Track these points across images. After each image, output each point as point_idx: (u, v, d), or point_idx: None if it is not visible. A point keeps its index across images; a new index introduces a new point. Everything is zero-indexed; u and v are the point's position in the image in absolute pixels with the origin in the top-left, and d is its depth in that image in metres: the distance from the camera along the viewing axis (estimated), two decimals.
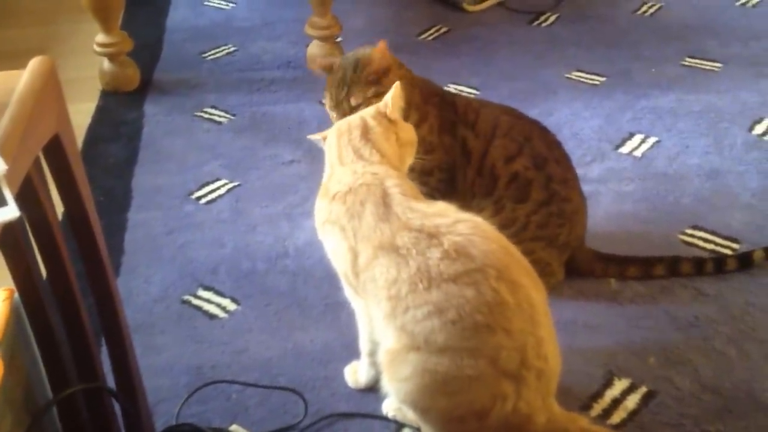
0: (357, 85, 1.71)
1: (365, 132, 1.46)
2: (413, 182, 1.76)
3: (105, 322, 1.31)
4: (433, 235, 1.28)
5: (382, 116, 1.48)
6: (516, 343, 1.26)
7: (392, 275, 1.29)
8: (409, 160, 1.52)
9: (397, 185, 1.37)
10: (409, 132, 1.52)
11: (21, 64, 1.09)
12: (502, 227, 1.70)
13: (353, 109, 1.67)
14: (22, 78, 1.04)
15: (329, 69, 1.78)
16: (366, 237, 1.34)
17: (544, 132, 1.80)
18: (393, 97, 1.49)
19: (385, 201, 1.35)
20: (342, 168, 1.44)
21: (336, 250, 1.41)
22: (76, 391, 1.22)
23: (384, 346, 1.36)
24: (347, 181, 1.40)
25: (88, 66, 2.71)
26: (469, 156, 1.75)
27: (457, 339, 1.26)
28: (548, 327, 1.32)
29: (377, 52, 1.72)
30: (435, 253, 1.27)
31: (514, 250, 1.34)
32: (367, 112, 1.51)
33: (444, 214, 1.33)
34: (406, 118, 1.61)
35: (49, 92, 1.06)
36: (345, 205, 1.37)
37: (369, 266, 1.33)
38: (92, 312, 1.28)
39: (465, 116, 1.77)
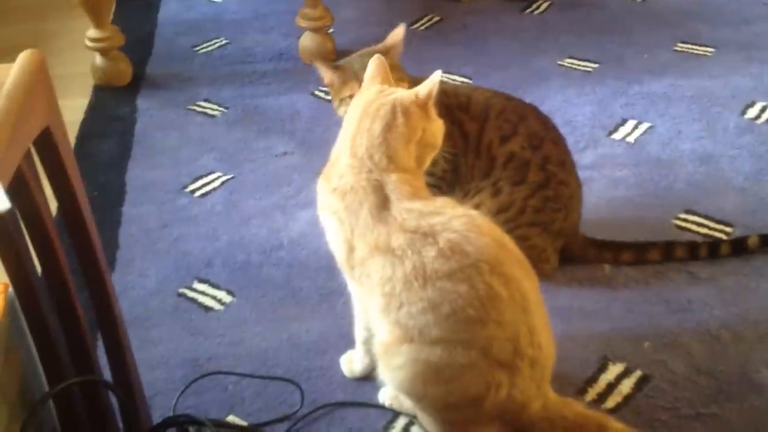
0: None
1: (388, 128, 1.36)
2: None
3: (100, 316, 1.31)
4: (428, 234, 1.28)
5: (421, 107, 1.37)
6: (508, 333, 1.27)
7: (387, 274, 1.29)
8: (429, 159, 1.43)
9: (397, 188, 1.34)
10: (436, 131, 1.42)
11: (13, 61, 1.09)
12: (500, 210, 1.72)
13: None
14: (12, 71, 1.04)
15: (331, 67, 1.76)
16: (362, 235, 1.33)
17: (538, 112, 1.80)
18: (433, 87, 1.36)
19: (384, 204, 1.33)
20: (349, 160, 1.37)
21: (333, 238, 1.41)
22: (73, 385, 1.22)
23: (378, 338, 1.37)
24: (349, 180, 1.36)
25: (80, 61, 2.71)
26: (467, 139, 1.75)
27: (450, 332, 1.27)
28: (541, 316, 1.33)
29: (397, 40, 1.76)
30: (430, 252, 1.27)
31: (507, 241, 1.34)
32: (401, 102, 1.37)
33: (441, 211, 1.32)
34: None
35: (39, 85, 1.06)
36: (344, 202, 1.36)
37: (364, 263, 1.33)
38: (88, 305, 1.28)
39: (457, 99, 1.77)
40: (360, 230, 1.34)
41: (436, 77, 1.38)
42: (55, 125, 1.10)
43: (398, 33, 1.78)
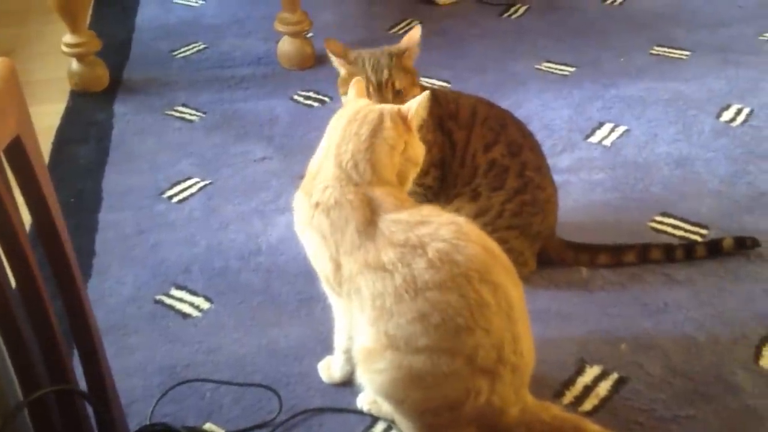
0: (397, 71, 1.69)
1: (374, 132, 1.37)
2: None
3: (74, 325, 1.30)
4: (417, 246, 1.28)
5: (402, 119, 1.39)
6: (494, 340, 1.28)
7: (378, 289, 1.29)
8: (411, 178, 1.45)
9: (383, 201, 1.34)
10: (418, 149, 1.43)
11: None
12: (478, 214, 1.72)
13: (397, 94, 1.67)
14: None
15: (343, 55, 1.73)
16: (349, 252, 1.33)
17: (514, 119, 1.82)
18: (419, 104, 1.40)
19: (372, 219, 1.32)
20: (334, 170, 1.37)
21: (316, 256, 1.40)
22: (47, 394, 1.21)
23: (360, 343, 1.37)
24: (334, 194, 1.35)
25: (56, 67, 2.69)
26: (455, 148, 1.75)
27: (438, 340, 1.27)
28: (525, 323, 1.34)
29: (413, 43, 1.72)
30: (420, 264, 1.27)
31: (494, 247, 1.34)
32: (389, 110, 1.40)
33: (428, 220, 1.32)
34: None
35: (9, 94, 1.05)
36: (329, 219, 1.35)
37: (353, 280, 1.33)
38: (62, 314, 1.27)
39: (447, 107, 1.77)
40: (346, 247, 1.33)
41: (423, 97, 1.39)
42: (26, 134, 1.09)
43: (414, 35, 1.74)
